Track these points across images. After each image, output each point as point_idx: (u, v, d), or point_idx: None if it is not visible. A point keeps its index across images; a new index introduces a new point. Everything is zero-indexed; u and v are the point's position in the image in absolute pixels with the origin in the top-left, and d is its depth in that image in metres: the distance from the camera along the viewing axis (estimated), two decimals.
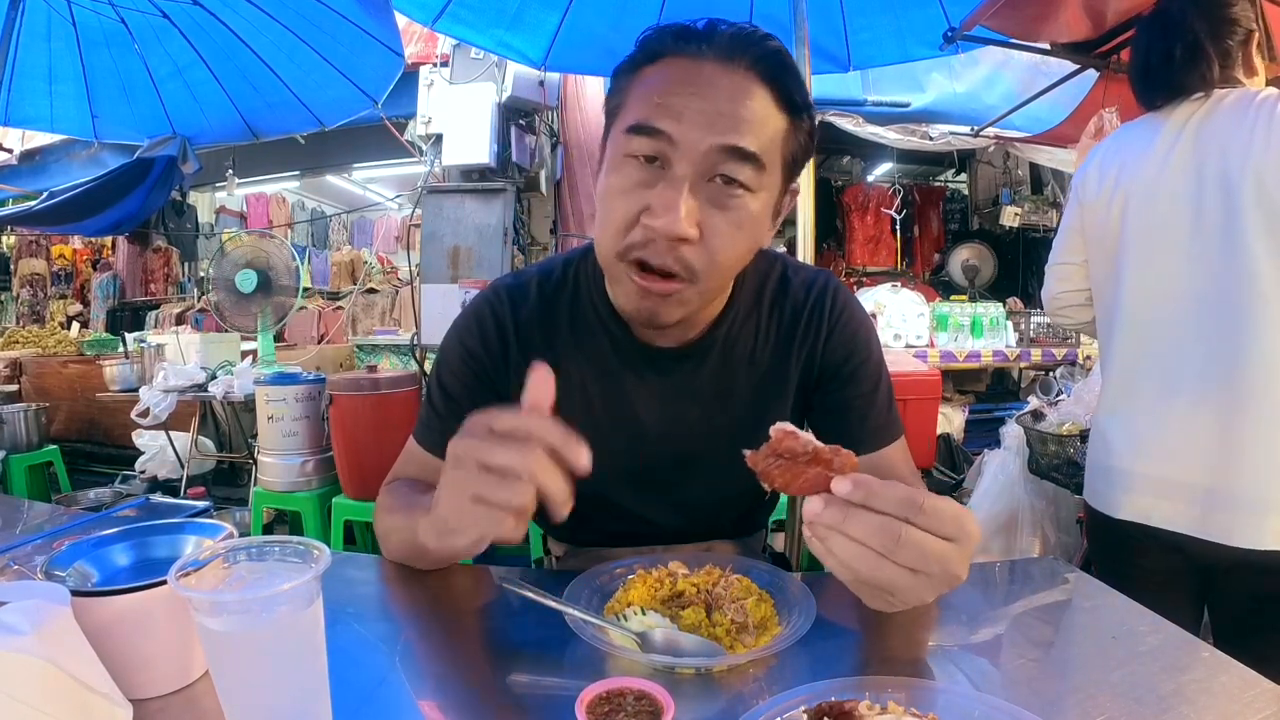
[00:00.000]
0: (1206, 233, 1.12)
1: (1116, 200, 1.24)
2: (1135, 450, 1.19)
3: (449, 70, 3.78)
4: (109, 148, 4.67)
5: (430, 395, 0.91)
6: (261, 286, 3.34)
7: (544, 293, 0.89)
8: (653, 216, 0.68)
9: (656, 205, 0.68)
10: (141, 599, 0.53)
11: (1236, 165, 1.09)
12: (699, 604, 0.66)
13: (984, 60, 3.91)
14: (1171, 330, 1.17)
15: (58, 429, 4.31)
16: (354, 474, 2.54)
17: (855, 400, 0.88)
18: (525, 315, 0.88)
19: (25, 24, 2.64)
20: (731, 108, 0.68)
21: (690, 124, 0.68)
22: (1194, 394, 1.13)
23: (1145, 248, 1.20)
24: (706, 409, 0.87)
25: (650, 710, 0.50)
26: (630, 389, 0.87)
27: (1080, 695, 0.56)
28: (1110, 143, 1.33)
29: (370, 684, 0.59)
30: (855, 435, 0.88)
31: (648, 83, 0.72)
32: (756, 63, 0.70)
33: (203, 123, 3.71)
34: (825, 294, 0.90)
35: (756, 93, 0.70)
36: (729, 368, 0.87)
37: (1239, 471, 1.09)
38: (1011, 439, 2.23)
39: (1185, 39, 1.18)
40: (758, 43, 0.71)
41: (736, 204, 0.70)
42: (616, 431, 0.87)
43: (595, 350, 0.87)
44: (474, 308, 0.91)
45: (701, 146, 0.67)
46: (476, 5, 2.33)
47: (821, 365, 0.89)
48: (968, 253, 5.59)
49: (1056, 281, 1.41)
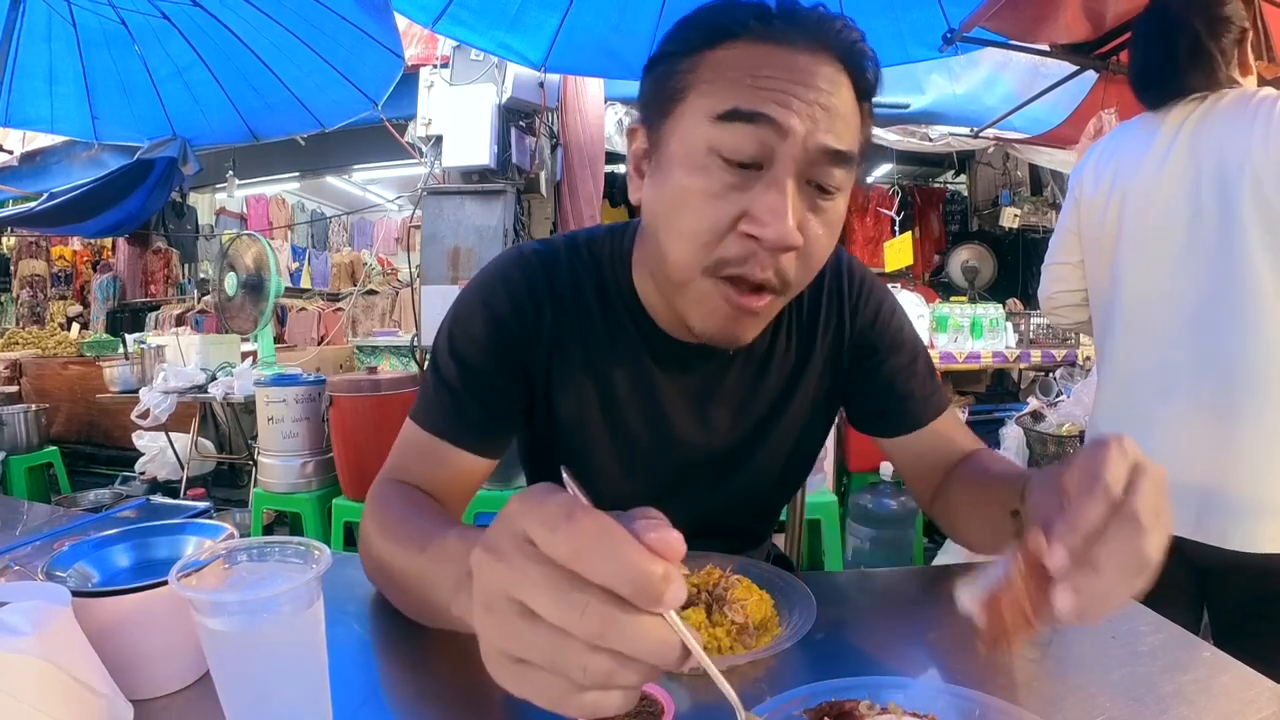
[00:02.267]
0: (1203, 233, 1.12)
1: (1113, 200, 1.24)
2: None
3: (449, 72, 3.78)
4: (110, 149, 4.67)
5: (438, 368, 0.76)
6: (251, 288, 3.34)
7: (574, 267, 0.79)
8: (758, 225, 0.59)
9: (761, 212, 0.59)
10: (142, 599, 0.53)
11: (1234, 166, 1.09)
12: (699, 604, 0.66)
13: (983, 62, 3.90)
14: (1167, 331, 1.17)
15: (58, 430, 4.31)
16: (354, 475, 2.54)
17: (898, 374, 0.83)
18: (559, 284, 0.78)
19: (25, 25, 2.64)
20: (831, 102, 0.60)
21: (799, 115, 0.59)
22: (1189, 395, 1.13)
23: (1142, 248, 1.20)
24: (735, 407, 0.83)
25: (650, 710, 0.50)
26: (660, 387, 0.81)
27: (1080, 695, 0.56)
28: (1106, 143, 1.33)
29: (370, 684, 0.59)
30: (906, 411, 0.83)
31: (728, 65, 0.61)
32: (843, 52, 0.63)
33: (203, 124, 3.72)
34: (840, 276, 0.84)
35: (845, 85, 0.63)
36: (755, 363, 0.83)
37: (1234, 474, 1.08)
38: (1011, 440, 2.23)
39: (1188, 38, 1.18)
40: (841, 29, 0.63)
41: (829, 206, 0.63)
42: (645, 431, 0.82)
43: (627, 343, 0.79)
44: (499, 268, 0.79)
45: (810, 143, 0.59)
46: (476, 7, 2.34)
47: (853, 346, 0.84)
48: (967, 254, 5.59)
49: (1052, 281, 1.41)
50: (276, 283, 3.31)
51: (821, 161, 0.60)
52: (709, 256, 0.62)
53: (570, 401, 0.80)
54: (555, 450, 0.84)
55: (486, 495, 2.32)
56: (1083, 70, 2.62)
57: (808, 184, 0.62)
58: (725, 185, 0.60)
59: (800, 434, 0.87)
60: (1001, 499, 0.66)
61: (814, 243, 0.63)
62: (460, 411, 0.75)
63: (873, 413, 0.86)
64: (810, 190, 0.62)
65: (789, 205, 0.59)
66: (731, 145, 0.59)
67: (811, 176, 0.61)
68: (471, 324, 0.76)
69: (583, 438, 0.81)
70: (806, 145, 0.59)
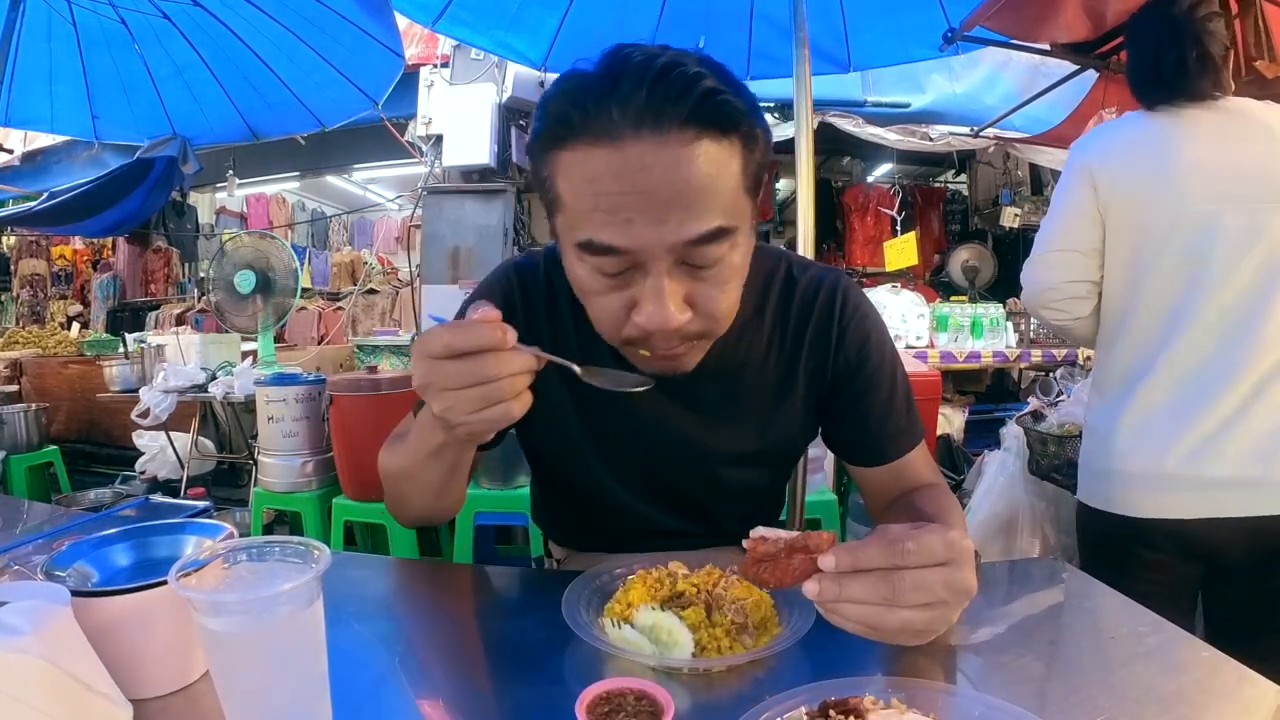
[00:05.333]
0: (1226, 235, 1.13)
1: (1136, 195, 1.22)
2: (1132, 447, 1.19)
3: (449, 71, 3.79)
4: (110, 148, 4.67)
5: None
6: (261, 287, 3.34)
7: (550, 278, 0.86)
8: (644, 317, 0.65)
9: (643, 305, 0.65)
10: (142, 599, 0.53)
11: (1259, 168, 1.12)
12: (699, 604, 0.66)
13: (984, 61, 3.91)
14: (1183, 328, 1.17)
15: (58, 429, 4.31)
16: (354, 474, 2.54)
17: (873, 409, 0.86)
18: (536, 296, 0.86)
19: (25, 24, 2.64)
20: (676, 191, 0.60)
21: (644, 228, 0.61)
22: (1200, 391, 1.14)
23: (1164, 245, 1.19)
24: (712, 415, 0.86)
25: (650, 710, 0.50)
26: (635, 393, 0.84)
27: (1080, 695, 0.56)
28: (1121, 134, 1.29)
29: (370, 684, 0.59)
30: (875, 447, 0.87)
31: (573, 178, 0.63)
32: (687, 115, 0.59)
33: (203, 123, 3.71)
34: (835, 296, 0.85)
35: (698, 153, 0.60)
36: (735, 374, 0.85)
37: (1237, 454, 1.11)
38: (1011, 440, 2.22)
39: (1199, 47, 1.19)
40: (678, 90, 0.59)
41: (719, 269, 0.66)
42: (620, 436, 0.86)
43: (598, 350, 0.84)
44: (485, 284, 0.89)
45: (665, 244, 0.62)
46: (477, 6, 2.34)
47: (834, 372, 0.86)
48: (968, 253, 5.57)
49: (1056, 270, 1.29)
50: (299, 280, 3.34)
51: (688, 250, 0.63)
52: (619, 336, 0.70)
53: (549, 407, 0.85)
54: (543, 447, 0.92)
55: (488, 495, 2.33)
56: (1083, 70, 2.62)
57: (684, 264, 0.65)
58: (608, 285, 0.67)
59: (781, 433, 0.89)
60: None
61: (707, 303, 0.67)
62: None
63: (845, 441, 0.90)
64: (689, 268, 0.65)
65: (665, 297, 0.64)
66: (598, 266, 0.66)
67: (684, 259, 0.64)
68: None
69: (564, 438, 0.87)
70: (665, 246, 0.62)
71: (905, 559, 0.54)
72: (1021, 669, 0.61)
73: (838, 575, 0.55)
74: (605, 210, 0.62)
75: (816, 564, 0.56)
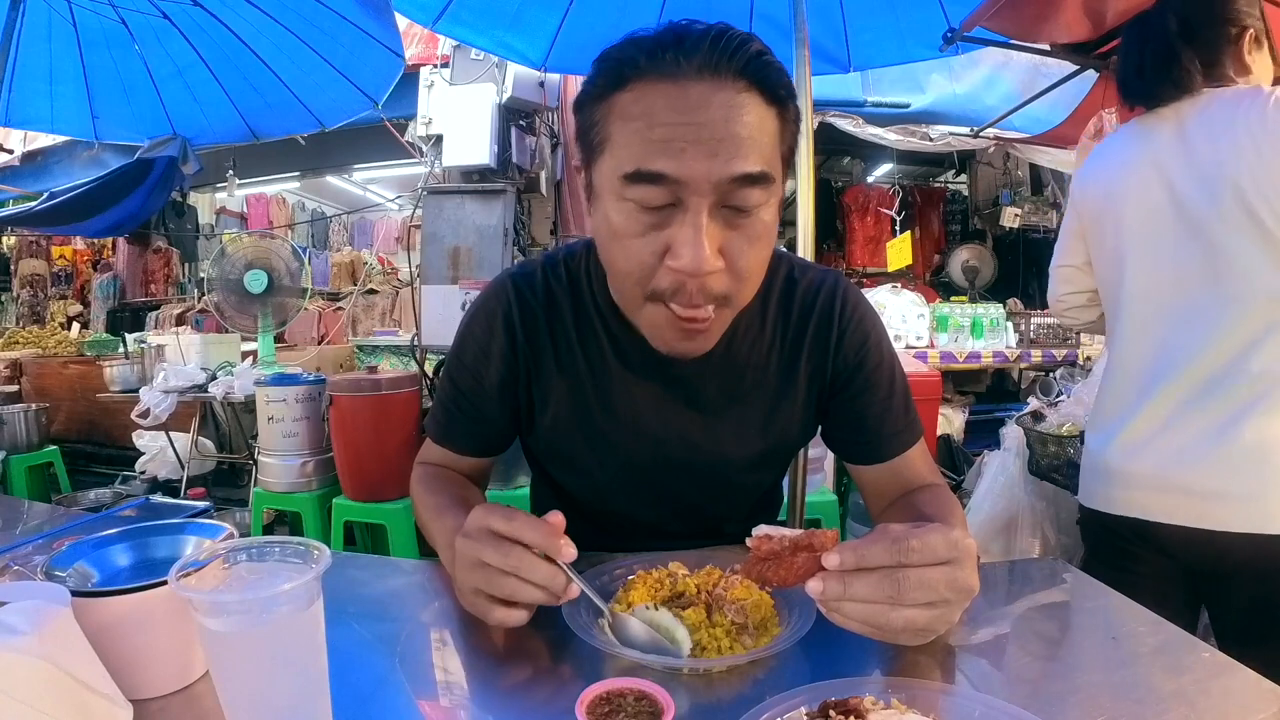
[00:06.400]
0: (1196, 232, 1.13)
1: (1112, 203, 1.24)
2: (1132, 448, 1.19)
3: (449, 71, 3.78)
4: (110, 148, 4.67)
5: (441, 388, 0.94)
6: (267, 287, 3.35)
7: (549, 285, 0.87)
8: (677, 259, 0.65)
9: (679, 247, 0.65)
10: (142, 599, 0.53)
11: (1228, 166, 1.09)
12: (699, 604, 0.66)
13: (984, 61, 3.90)
14: (1165, 330, 1.17)
15: (58, 429, 4.31)
16: (354, 475, 2.54)
17: (871, 408, 0.87)
18: (532, 305, 0.86)
19: (25, 24, 2.63)
20: (731, 129, 0.64)
21: (695, 159, 0.63)
22: (1186, 391, 1.14)
23: (1141, 248, 1.20)
24: (711, 415, 0.86)
25: (650, 710, 0.50)
26: (633, 391, 0.86)
27: (1080, 695, 0.56)
28: (1105, 146, 1.34)
29: (370, 684, 0.59)
30: (873, 445, 0.88)
31: (630, 115, 0.66)
32: (741, 68, 0.65)
33: (203, 123, 3.71)
34: (834, 298, 0.87)
35: (748, 103, 0.65)
36: (734, 373, 0.86)
37: (1236, 463, 1.09)
38: (1011, 440, 2.22)
39: (1157, 48, 1.18)
40: (735, 44, 0.65)
41: (752, 220, 0.68)
42: (618, 434, 0.87)
43: (597, 350, 0.85)
44: (484, 298, 0.90)
45: (712, 179, 0.64)
46: (477, 6, 2.33)
47: (833, 372, 0.87)
48: (968, 254, 5.57)
49: (1060, 284, 1.42)
50: (302, 279, 3.34)
51: (732, 188, 0.65)
52: (646, 287, 0.70)
53: (549, 409, 0.87)
54: (544, 452, 0.93)
55: (488, 495, 2.32)
56: (1083, 70, 2.62)
57: (725, 208, 0.66)
58: (646, 225, 0.67)
59: (782, 434, 0.90)
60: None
61: (739, 258, 0.68)
62: (453, 427, 0.92)
63: (844, 439, 0.91)
64: (728, 213, 0.67)
65: (703, 236, 0.65)
66: (642, 198, 0.66)
67: (726, 202, 0.66)
68: (462, 350, 0.90)
69: (563, 440, 0.89)
70: (712, 181, 0.64)
71: (909, 557, 0.54)
72: (1021, 669, 0.61)
73: (842, 574, 0.55)
74: (660, 140, 0.64)
75: (820, 563, 0.56)
